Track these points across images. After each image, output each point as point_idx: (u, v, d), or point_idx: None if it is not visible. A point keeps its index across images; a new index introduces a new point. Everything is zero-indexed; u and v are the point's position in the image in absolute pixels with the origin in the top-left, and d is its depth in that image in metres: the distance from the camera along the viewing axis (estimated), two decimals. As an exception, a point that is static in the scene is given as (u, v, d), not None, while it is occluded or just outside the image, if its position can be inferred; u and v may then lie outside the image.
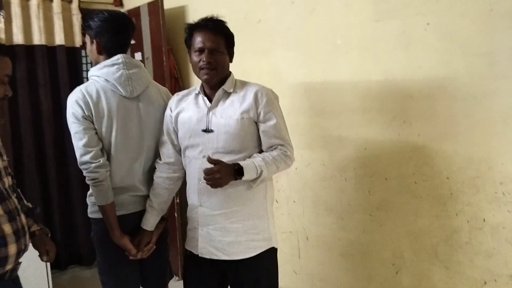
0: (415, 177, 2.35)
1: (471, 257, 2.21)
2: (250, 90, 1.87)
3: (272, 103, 1.89)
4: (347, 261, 2.73)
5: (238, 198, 1.83)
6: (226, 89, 1.85)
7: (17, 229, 1.48)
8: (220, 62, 1.81)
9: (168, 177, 1.94)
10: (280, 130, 1.90)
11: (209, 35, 1.80)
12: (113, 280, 1.98)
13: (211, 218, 1.84)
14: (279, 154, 1.86)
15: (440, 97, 2.22)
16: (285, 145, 1.89)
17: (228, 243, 1.83)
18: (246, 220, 1.85)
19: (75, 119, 1.84)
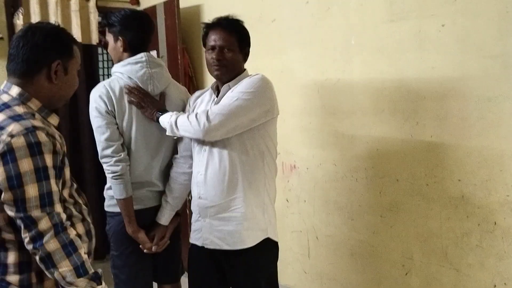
0: (427, 179, 2.35)
1: (482, 260, 2.20)
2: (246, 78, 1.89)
3: (254, 81, 1.82)
4: (356, 262, 2.73)
5: (236, 187, 1.85)
6: (230, 86, 1.87)
7: (88, 230, 1.46)
8: (230, 60, 1.84)
9: (184, 172, 1.97)
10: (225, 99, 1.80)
11: (221, 33, 1.83)
12: (126, 274, 2.01)
13: (211, 209, 1.87)
14: (193, 114, 1.81)
15: (453, 99, 2.21)
16: (204, 110, 1.80)
17: (229, 232, 1.86)
18: (245, 208, 1.86)
19: (98, 113, 1.88)
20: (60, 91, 1.41)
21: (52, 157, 1.26)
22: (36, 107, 1.35)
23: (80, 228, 1.41)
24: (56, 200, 1.27)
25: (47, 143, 1.25)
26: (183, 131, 1.79)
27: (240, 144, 1.83)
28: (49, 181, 1.24)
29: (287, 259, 3.10)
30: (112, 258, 2.06)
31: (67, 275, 1.24)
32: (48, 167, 1.24)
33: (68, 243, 1.26)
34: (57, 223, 1.25)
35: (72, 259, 1.25)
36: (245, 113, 1.77)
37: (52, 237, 1.23)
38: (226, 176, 1.82)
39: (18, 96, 1.33)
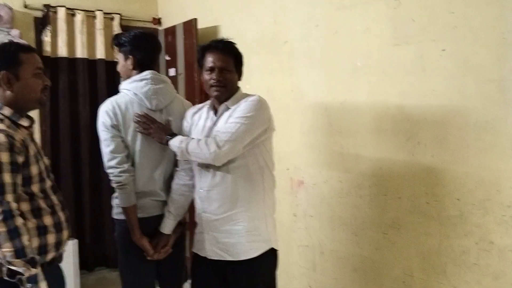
0: (427, 197, 2.42)
1: (479, 278, 2.25)
2: (245, 99, 1.98)
3: (252, 104, 1.92)
4: (360, 277, 2.80)
5: (237, 202, 1.96)
6: (228, 105, 1.99)
7: (57, 222, 1.64)
8: (229, 80, 1.95)
9: (185, 184, 2.08)
10: (231, 124, 1.88)
11: (219, 55, 1.95)
12: (131, 277, 2.13)
13: (215, 223, 1.98)
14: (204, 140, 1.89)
15: (452, 121, 2.29)
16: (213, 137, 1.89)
17: (232, 244, 1.96)
18: (247, 222, 1.97)
19: (104, 127, 2.02)
20: (21, 95, 1.62)
21: (8, 155, 1.48)
22: (8, 113, 1.60)
23: (48, 219, 1.61)
24: (8, 190, 1.47)
25: (4, 143, 1.48)
26: (195, 157, 1.91)
27: (242, 161, 1.94)
28: (2, 174, 1.46)
29: (293, 273, 3.17)
30: (119, 263, 2.18)
31: (7, 255, 1.45)
32: (3, 162, 1.46)
33: (13, 228, 1.45)
34: (5, 210, 1.45)
35: (14, 242, 1.45)
36: (249, 135, 1.90)
37: (0, 221, 1.44)
38: (228, 192, 1.93)
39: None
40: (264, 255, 2.02)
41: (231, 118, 1.91)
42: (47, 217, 1.61)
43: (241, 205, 1.96)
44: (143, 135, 2.04)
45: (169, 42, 3.86)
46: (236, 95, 2.00)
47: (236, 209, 1.96)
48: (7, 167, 1.47)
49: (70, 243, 2.99)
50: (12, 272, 1.46)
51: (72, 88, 3.84)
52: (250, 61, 3.24)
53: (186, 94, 3.66)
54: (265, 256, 2.03)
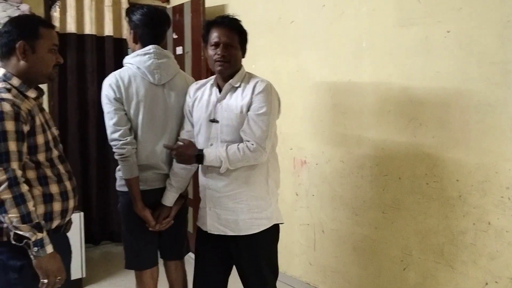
0: (427, 178, 2.45)
1: (475, 258, 2.29)
2: (252, 83, 1.99)
3: (266, 95, 1.96)
4: (359, 256, 2.85)
5: (241, 181, 2.00)
6: (233, 84, 2.00)
7: (64, 191, 1.69)
8: (233, 56, 1.96)
9: None
10: (259, 123, 1.93)
11: (225, 31, 1.96)
12: (133, 247, 2.19)
13: (218, 200, 2.02)
14: (243, 148, 1.93)
15: (454, 103, 2.31)
16: (252, 142, 1.93)
17: (234, 221, 2.01)
18: (249, 201, 2.01)
19: (108, 100, 2.06)
20: (33, 68, 1.65)
21: (13, 124, 1.52)
22: (16, 83, 1.63)
23: (54, 188, 1.65)
24: (14, 158, 1.52)
25: (10, 112, 1.52)
26: (241, 163, 1.94)
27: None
28: (7, 142, 1.50)
29: (294, 251, 3.23)
30: (122, 233, 2.24)
31: (14, 220, 1.50)
32: (8, 131, 1.51)
33: (19, 195, 1.50)
34: (11, 177, 1.50)
35: (20, 208, 1.50)
36: (273, 125, 2.01)
37: (5, 188, 1.49)
38: (232, 171, 1.97)
39: (3, 76, 1.64)
40: (266, 230, 2.06)
41: (253, 115, 1.94)
42: (53, 185, 1.65)
43: (245, 185, 2.00)
44: (145, 109, 2.08)
45: (177, 20, 3.86)
46: (239, 73, 2.01)
47: (240, 188, 2.00)
48: (12, 136, 1.51)
49: (76, 216, 3.05)
50: (19, 237, 1.51)
51: (80, 64, 3.87)
52: (256, 41, 3.26)
53: (192, 73, 3.68)
54: (267, 232, 2.07)
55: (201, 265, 2.19)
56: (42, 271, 1.55)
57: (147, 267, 2.20)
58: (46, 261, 1.55)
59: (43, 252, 1.54)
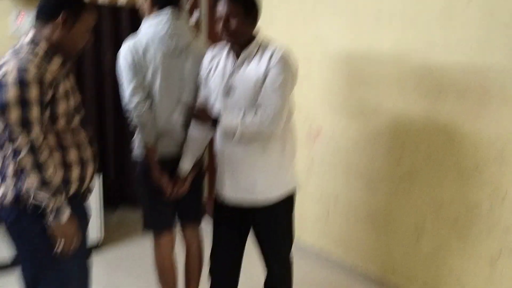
0: (444, 149, 2.43)
1: (489, 229, 2.29)
2: (269, 52, 1.96)
3: (283, 66, 1.93)
4: (372, 225, 2.87)
5: (257, 150, 2.00)
6: (249, 52, 1.98)
7: (82, 157, 1.71)
8: (236, 28, 1.91)
9: None
10: (275, 95, 1.92)
11: (225, 3, 1.91)
12: (151, 211, 2.24)
13: (235, 166, 2.04)
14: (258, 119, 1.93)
15: (475, 72, 2.27)
16: (267, 114, 1.92)
17: (251, 185, 2.03)
18: (266, 167, 2.02)
19: (125, 66, 2.07)
20: (67, 40, 1.66)
21: (37, 92, 1.53)
22: (43, 48, 1.62)
23: (73, 154, 1.67)
24: (35, 126, 1.53)
25: (33, 79, 1.52)
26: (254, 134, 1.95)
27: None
28: (30, 110, 1.52)
29: (307, 220, 3.26)
30: (140, 199, 2.29)
31: (33, 186, 1.54)
32: (31, 98, 1.52)
33: (39, 161, 1.54)
34: (31, 144, 1.53)
35: (39, 174, 1.54)
36: (287, 96, 1.98)
37: (26, 155, 1.52)
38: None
39: (31, 39, 1.63)
40: (283, 200, 2.08)
41: (269, 85, 1.91)
42: (72, 151, 1.67)
43: (261, 153, 2.00)
44: (162, 75, 2.09)
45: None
46: (255, 42, 1.98)
47: (256, 156, 2.01)
48: (35, 103, 1.52)
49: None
50: (38, 202, 1.55)
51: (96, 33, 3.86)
52: (274, 8, 3.23)
53: (209, 38, 3.67)
54: (284, 202, 2.09)
55: (218, 234, 2.23)
56: (59, 235, 1.60)
57: (164, 229, 2.25)
58: (62, 226, 1.59)
59: (60, 217, 1.58)
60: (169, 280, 2.28)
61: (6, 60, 1.56)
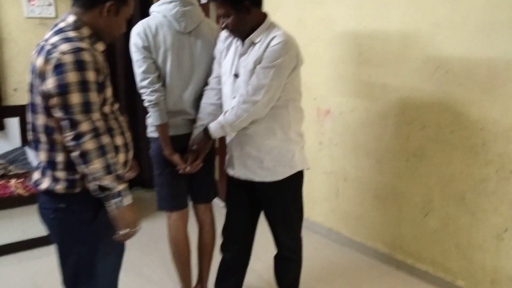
0: (452, 126, 2.45)
1: (496, 205, 2.33)
2: (269, 37, 1.97)
3: (277, 50, 1.93)
4: (380, 203, 2.91)
5: (262, 133, 2.05)
6: (252, 40, 2.00)
7: (125, 142, 1.69)
8: (233, 25, 1.95)
9: (212, 103, 2.17)
10: (260, 75, 1.93)
11: (215, 6, 1.96)
12: (165, 191, 2.29)
13: (242, 148, 2.10)
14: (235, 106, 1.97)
15: (482, 50, 2.28)
16: (241, 95, 1.96)
17: (259, 167, 2.08)
18: (272, 150, 2.07)
19: (136, 49, 2.11)
20: (108, 28, 1.64)
21: (94, 74, 1.49)
22: (86, 34, 1.59)
23: (118, 140, 1.64)
24: (95, 109, 1.51)
25: (90, 62, 1.48)
26: (241, 121, 1.98)
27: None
28: (90, 92, 1.48)
29: (316, 198, 3.31)
30: (154, 177, 2.34)
31: (98, 170, 1.49)
32: (90, 81, 1.48)
33: (102, 146, 1.50)
34: (95, 127, 1.49)
35: (104, 159, 1.49)
36: (281, 80, 1.98)
37: (90, 139, 1.48)
38: (252, 124, 2.02)
39: (73, 23, 1.58)
40: (291, 176, 2.13)
41: (260, 65, 1.94)
42: (118, 137, 1.64)
43: (266, 136, 2.05)
44: (173, 57, 2.12)
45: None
46: (260, 28, 1.99)
47: (262, 139, 2.05)
48: (93, 86, 1.48)
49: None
50: (100, 188, 1.50)
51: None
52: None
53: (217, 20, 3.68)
54: (293, 177, 2.13)
55: (231, 209, 2.29)
56: (121, 221, 1.54)
57: (178, 208, 2.31)
58: (125, 212, 1.53)
59: (123, 202, 1.52)
60: (183, 256, 2.35)
61: (55, 42, 1.50)
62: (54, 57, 1.45)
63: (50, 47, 1.48)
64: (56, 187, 1.55)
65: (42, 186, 1.58)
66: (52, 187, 1.55)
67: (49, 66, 1.45)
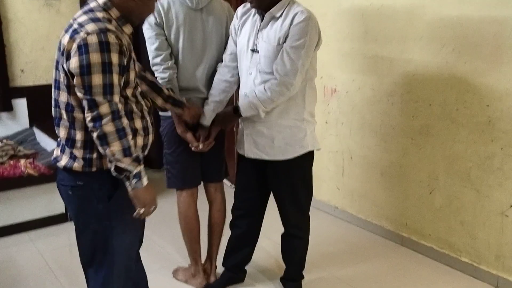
0: (457, 104, 2.46)
1: (501, 181, 2.34)
2: (291, 14, 1.97)
3: (303, 27, 1.94)
4: (386, 181, 2.93)
5: (277, 112, 2.07)
6: (273, 14, 2.00)
7: (146, 126, 1.69)
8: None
9: (226, 80, 2.18)
10: (291, 55, 1.95)
11: None
12: (177, 169, 2.31)
13: (254, 126, 2.11)
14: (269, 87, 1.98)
15: (488, 28, 2.27)
16: (276, 77, 1.97)
17: (269, 146, 2.11)
18: (284, 130, 2.09)
19: (149, 26, 2.12)
20: (137, 9, 1.63)
21: (117, 56, 1.49)
22: (115, 15, 1.58)
23: (138, 123, 1.65)
24: (116, 92, 1.51)
25: (115, 44, 1.48)
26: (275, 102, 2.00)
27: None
28: (112, 74, 1.48)
29: (323, 177, 3.34)
30: (165, 155, 2.36)
31: (116, 153, 1.51)
32: (113, 63, 1.47)
33: (121, 128, 1.51)
34: (114, 110, 1.50)
35: (122, 142, 1.51)
36: (307, 58, 1.99)
37: (109, 121, 1.49)
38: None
39: (103, 4, 1.58)
40: (301, 156, 2.14)
41: (287, 43, 1.94)
42: (138, 120, 1.65)
43: (280, 115, 2.07)
44: (185, 34, 2.13)
45: None
46: (281, 2, 1.99)
47: (275, 118, 2.07)
48: (116, 69, 1.47)
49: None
50: (119, 169, 1.51)
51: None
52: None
53: None
54: (303, 157, 2.15)
55: (240, 186, 2.33)
56: (139, 201, 1.58)
57: (189, 187, 2.33)
58: (142, 192, 1.56)
59: (140, 183, 1.55)
60: (193, 232, 2.38)
61: (83, 21, 1.50)
62: (79, 36, 1.46)
63: (77, 26, 1.49)
64: (73, 165, 1.58)
65: (60, 163, 1.61)
66: (70, 164, 1.58)
67: (74, 45, 1.45)
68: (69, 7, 3.64)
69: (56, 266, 2.68)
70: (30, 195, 3.04)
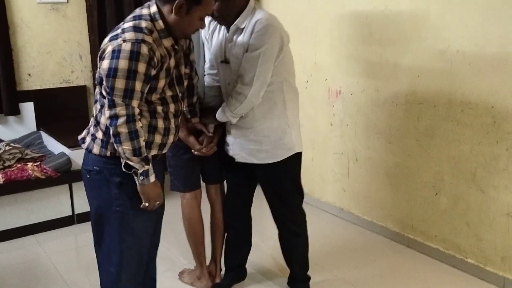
0: (462, 105, 2.46)
1: (506, 183, 2.34)
2: (253, 22, 1.97)
3: (261, 35, 1.95)
4: (391, 182, 2.93)
5: (260, 116, 2.10)
6: (238, 25, 2.01)
7: (167, 127, 1.80)
8: (219, 13, 1.96)
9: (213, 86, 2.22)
10: (249, 63, 1.97)
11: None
12: (180, 171, 2.34)
13: (241, 132, 2.15)
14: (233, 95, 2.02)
15: (493, 28, 2.27)
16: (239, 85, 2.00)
17: (257, 151, 2.14)
18: (270, 133, 2.12)
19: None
20: (177, 25, 1.70)
21: (145, 67, 1.60)
22: (159, 27, 1.67)
23: (160, 123, 1.77)
24: (136, 97, 1.62)
25: (145, 55, 1.58)
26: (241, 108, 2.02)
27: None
28: (135, 81, 1.59)
29: (328, 178, 3.35)
30: (168, 159, 2.39)
31: (127, 152, 1.64)
32: (139, 71, 1.59)
33: (134, 131, 1.64)
34: (130, 114, 1.62)
35: (133, 143, 1.64)
36: (269, 65, 2.00)
37: (124, 123, 1.62)
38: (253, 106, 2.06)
39: (153, 14, 1.68)
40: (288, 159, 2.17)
41: (247, 53, 1.97)
42: (160, 120, 1.77)
43: (263, 119, 2.10)
44: None
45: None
46: (244, 13, 2.00)
47: (260, 123, 2.10)
48: (140, 77, 1.59)
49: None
50: (128, 166, 1.67)
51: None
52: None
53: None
54: (291, 159, 2.18)
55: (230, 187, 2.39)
56: (145, 196, 1.72)
57: (192, 189, 2.37)
58: (149, 188, 1.71)
59: (147, 181, 1.69)
60: (197, 234, 2.41)
61: (126, 27, 1.61)
62: (116, 42, 1.57)
63: (119, 32, 1.61)
64: (93, 147, 1.73)
65: (84, 144, 1.78)
66: (91, 147, 1.74)
67: (109, 48, 1.59)
68: (75, 11, 3.66)
69: (63, 269, 2.70)
70: (37, 198, 3.07)
